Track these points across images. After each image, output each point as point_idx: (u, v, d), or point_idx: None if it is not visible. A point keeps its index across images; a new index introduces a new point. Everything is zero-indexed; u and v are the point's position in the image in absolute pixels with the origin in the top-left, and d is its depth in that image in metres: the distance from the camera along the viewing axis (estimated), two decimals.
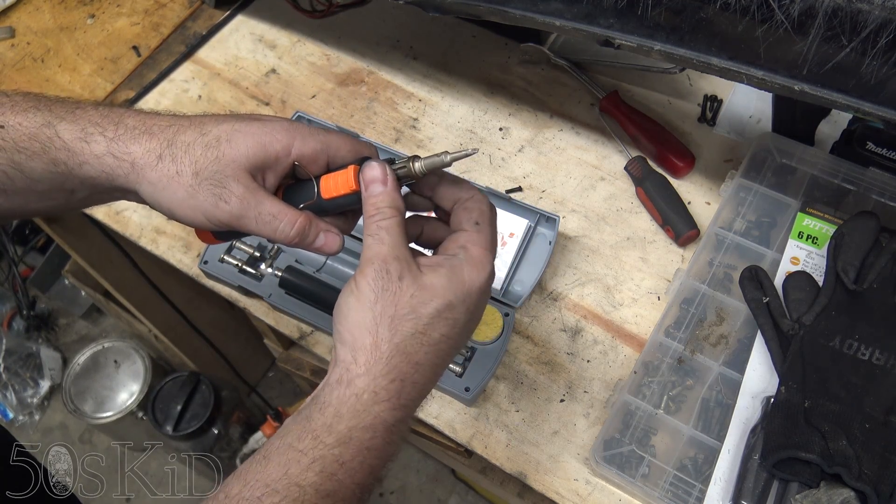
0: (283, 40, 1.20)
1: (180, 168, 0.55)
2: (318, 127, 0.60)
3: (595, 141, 1.06)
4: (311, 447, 0.51)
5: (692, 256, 0.90)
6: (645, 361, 0.85)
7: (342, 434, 0.51)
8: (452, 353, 0.56)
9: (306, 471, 0.50)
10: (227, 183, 0.55)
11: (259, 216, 0.56)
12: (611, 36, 0.74)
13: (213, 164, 0.55)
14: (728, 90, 1.08)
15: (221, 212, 0.55)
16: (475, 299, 0.56)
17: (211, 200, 0.55)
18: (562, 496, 0.81)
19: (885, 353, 0.77)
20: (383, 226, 0.55)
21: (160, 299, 1.58)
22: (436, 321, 0.54)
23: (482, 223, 0.58)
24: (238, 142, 0.56)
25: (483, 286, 0.56)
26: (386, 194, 0.56)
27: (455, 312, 0.54)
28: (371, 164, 0.57)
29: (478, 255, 0.56)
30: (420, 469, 2.05)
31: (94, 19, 1.25)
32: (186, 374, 1.79)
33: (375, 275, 0.53)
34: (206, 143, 0.55)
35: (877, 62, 0.60)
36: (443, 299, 0.54)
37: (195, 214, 0.56)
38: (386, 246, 0.55)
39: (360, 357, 0.53)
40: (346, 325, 0.54)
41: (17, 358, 2.18)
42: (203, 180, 0.55)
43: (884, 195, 0.90)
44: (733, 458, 0.76)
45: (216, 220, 0.56)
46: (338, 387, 0.53)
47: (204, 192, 0.55)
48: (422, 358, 0.54)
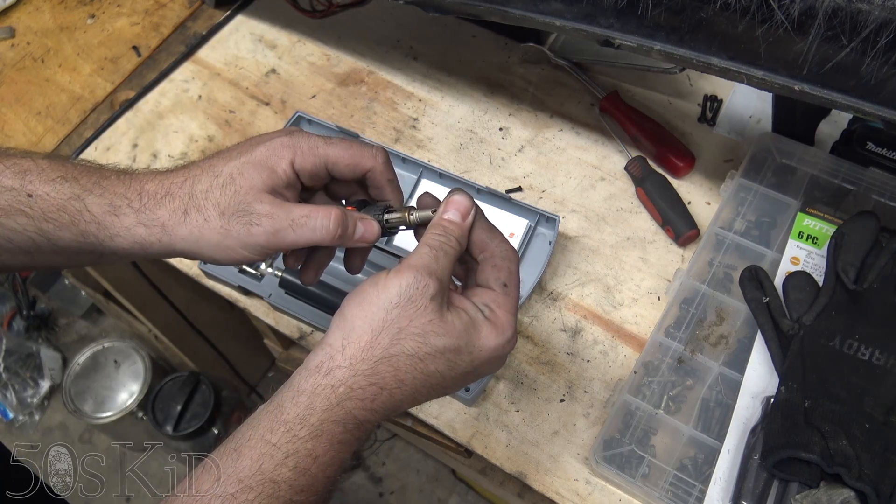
0: (283, 40, 1.20)
1: (207, 215, 0.56)
2: (318, 135, 0.60)
3: (595, 141, 1.06)
4: (285, 441, 0.50)
5: (692, 256, 0.90)
6: (645, 361, 0.85)
7: (315, 427, 0.51)
8: (438, 392, 0.56)
9: (280, 466, 0.50)
10: (252, 208, 0.56)
11: (294, 222, 0.56)
12: (611, 36, 0.74)
13: (233, 199, 0.56)
14: (728, 90, 1.08)
15: (257, 236, 0.55)
16: (484, 357, 0.55)
17: (244, 231, 0.55)
18: (562, 496, 0.81)
19: (885, 353, 0.77)
20: (444, 248, 0.55)
21: (160, 299, 1.58)
22: (438, 356, 0.54)
23: (510, 286, 0.58)
24: (250, 173, 0.56)
25: (497, 348, 0.56)
26: (460, 227, 0.57)
27: (459, 358, 0.54)
28: (461, 194, 0.58)
29: (502, 320, 0.56)
30: (420, 469, 2.05)
31: (94, 19, 1.25)
32: (186, 374, 1.79)
33: (412, 281, 0.53)
34: (222, 184, 0.56)
35: (877, 62, 0.60)
36: (453, 341, 0.54)
37: (236, 251, 0.56)
38: (437, 265, 0.54)
39: (349, 349, 0.53)
40: (354, 312, 0.54)
41: (17, 358, 2.18)
42: (230, 217, 0.55)
43: (884, 195, 0.90)
44: (733, 458, 0.76)
45: (257, 247, 0.56)
46: (315, 373, 0.52)
47: (235, 227, 0.55)
48: (408, 379, 0.53)
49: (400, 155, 0.98)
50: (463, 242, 0.57)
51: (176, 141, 1.11)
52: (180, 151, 1.09)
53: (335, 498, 1.65)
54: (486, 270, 0.58)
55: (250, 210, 0.55)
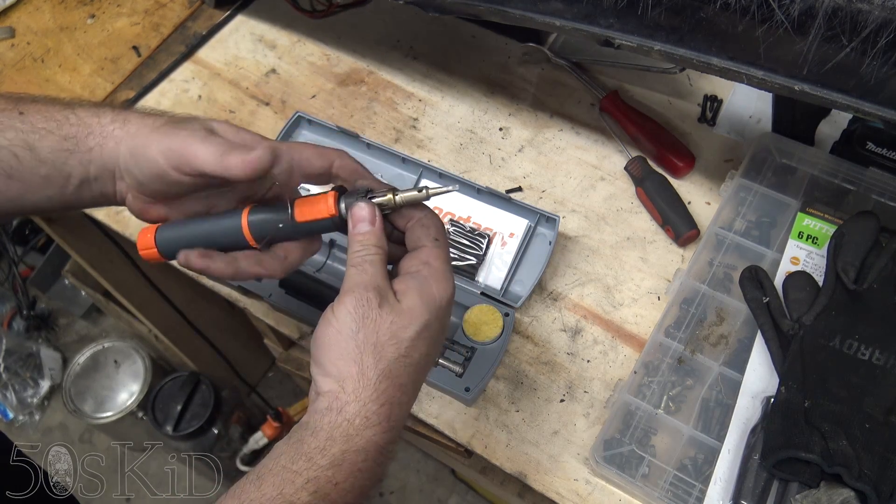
0: (283, 40, 1.20)
1: (158, 119, 0.60)
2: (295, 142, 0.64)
3: (595, 141, 1.06)
4: (305, 468, 0.52)
5: (692, 256, 0.90)
6: (645, 361, 0.85)
7: (335, 456, 0.52)
8: (430, 365, 0.59)
9: (300, 490, 0.51)
10: (192, 122, 0.60)
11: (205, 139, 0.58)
12: (611, 36, 0.74)
13: (186, 117, 0.61)
14: (728, 90, 1.08)
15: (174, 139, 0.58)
16: (445, 311, 0.58)
17: (170, 132, 0.58)
18: (562, 496, 0.81)
19: (885, 353, 0.77)
20: (367, 259, 0.58)
21: (160, 299, 1.58)
22: (416, 343, 0.56)
23: (440, 239, 0.60)
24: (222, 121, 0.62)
25: (450, 298, 0.59)
26: (373, 234, 0.59)
27: (431, 330, 0.57)
28: (360, 205, 0.60)
29: (441, 269, 0.59)
30: (420, 469, 2.05)
31: (94, 19, 1.25)
32: (186, 374, 1.79)
33: (356, 303, 0.55)
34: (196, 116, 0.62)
35: (877, 62, 0.60)
36: (420, 321, 0.56)
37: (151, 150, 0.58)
38: (367, 276, 0.57)
39: (347, 385, 0.54)
40: (329, 357, 0.56)
41: (17, 358, 2.18)
42: (170, 123, 0.60)
43: (884, 195, 0.90)
44: (733, 458, 0.76)
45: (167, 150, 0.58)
46: (328, 413, 0.54)
47: (167, 129, 0.59)
48: (406, 379, 0.56)
49: (400, 155, 0.98)
50: (382, 244, 0.59)
51: None
52: None
53: None
54: (416, 231, 0.61)
55: (190, 122, 0.60)
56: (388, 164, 1.00)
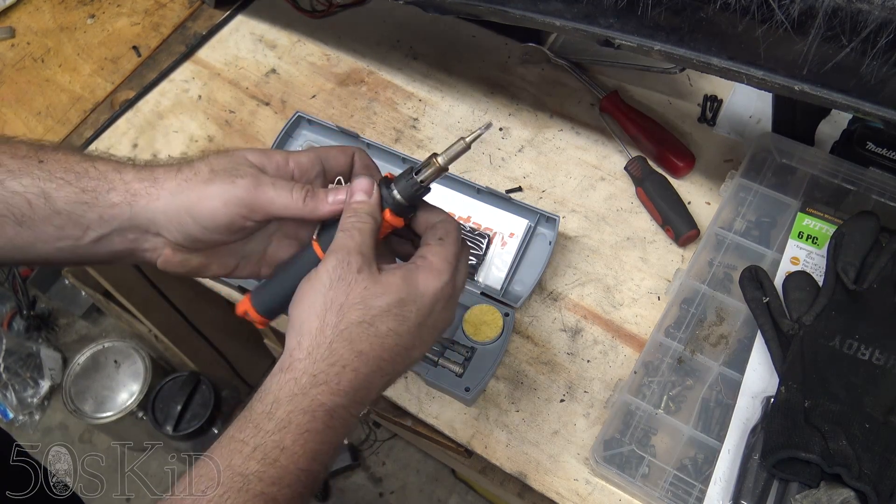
0: (283, 40, 1.20)
1: (198, 171, 0.57)
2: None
3: (595, 141, 1.06)
4: (252, 435, 0.51)
5: (692, 256, 0.90)
6: (645, 361, 0.85)
7: (281, 419, 0.52)
8: (402, 353, 0.57)
9: (248, 460, 0.51)
10: (240, 167, 0.58)
11: (274, 182, 0.58)
12: (611, 36, 0.74)
13: (225, 161, 0.58)
14: (728, 90, 1.08)
15: (239, 186, 0.56)
16: (427, 302, 0.57)
17: (227, 181, 0.56)
18: (562, 496, 0.81)
19: (885, 353, 0.77)
20: (357, 226, 0.57)
21: (160, 299, 1.58)
22: (384, 315, 0.55)
23: (445, 239, 0.60)
24: (245, 150, 0.60)
25: (437, 292, 0.57)
26: (367, 203, 0.58)
27: (405, 310, 0.56)
28: (361, 177, 0.59)
29: (436, 264, 0.58)
30: (420, 469, 2.04)
31: (94, 19, 1.25)
32: (186, 374, 1.79)
33: (336, 263, 0.55)
34: (219, 153, 0.59)
35: (877, 62, 0.60)
36: (394, 295, 0.55)
37: (212, 203, 0.57)
38: (354, 242, 0.56)
39: (304, 341, 0.54)
40: (298, 310, 0.55)
41: (17, 358, 2.17)
42: (218, 172, 0.57)
43: (884, 195, 0.90)
44: (733, 458, 0.76)
45: (236, 199, 0.56)
46: (277, 374, 0.54)
47: (219, 179, 0.57)
48: (365, 347, 0.54)
49: (400, 155, 0.98)
50: (376, 216, 0.58)
51: (176, 141, 1.11)
52: (180, 151, 1.09)
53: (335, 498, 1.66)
54: (426, 234, 0.61)
55: (238, 168, 0.57)
56: (388, 164, 1.00)
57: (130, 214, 0.58)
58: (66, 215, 0.58)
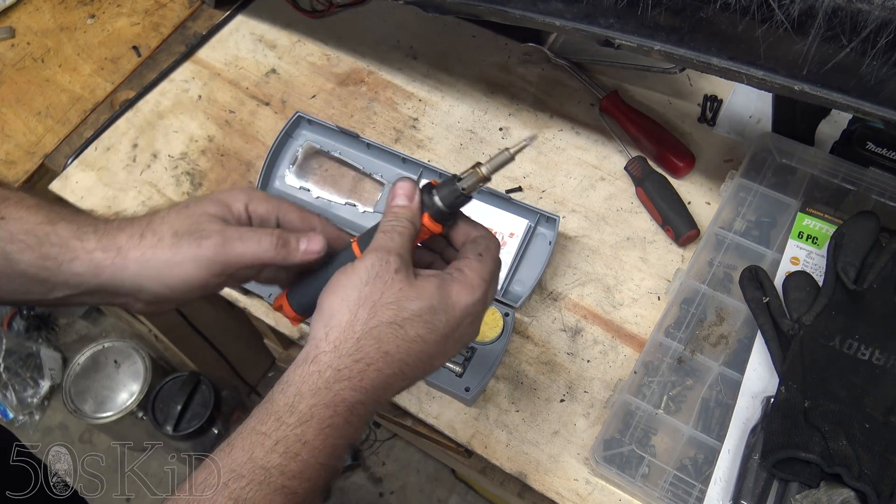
0: (283, 40, 1.20)
1: (161, 236, 0.57)
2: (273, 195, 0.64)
3: (595, 141, 1.06)
4: (274, 428, 0.51)
5: (692, 256, 0.90)
6: (645, 361, 0.85)
7: (303, 413, 0.52)
8: (424, 360, 0.56)
9: (270, 453, 0.50)
10: (203, 227, 0.58)
11: (241, 235, 0.58)
12: (611, 36, 0.74)
13: (187, 221, 0.58)
14: (728, 90, 1.08)
15: (206, 248, 0.57)
16: (458, 315, 0.56)
17: (194, 244, 0.57)
18: (562, 496, 0.81)
19: (885, 353, 0.77)
20: (398, 229, 0.57)
21: None
22: (415, 319, 0.55)
23: (485, 255, 0.59)
24: (204, 201, 0.60)
25: (468, 307, 0.56)
26: (408, 209, 0.58)
27: (435, 318, 0.55)
28: (404, 180, 0.59)
29: (472, 279, 0.57)
30: (420, 469, 2.04)
31: (94, 19, 1.25)
32: (186, 374, 1.78)
33: (375, 260, 0.55)
34: (178, 211, 0.59)
35: (877, 62, 0.60)
36: (427, 302, 0.55)
37: (185, 267, 0.57)
38: (393, 243, 0.56)
39: (332, 333, 0.54)
40: (331, 300, 0.55)
41: (17, 358, 2.17)
42: (182, 235, 0.57)
43: (884, 195, 0.90)
44: (733, 458, 0.76)
45: (205, 259, 0.57)
46: (302, 364, 0.53)
47: (185, 243, 0.57)
48: (392, 349, 0.54)
49: (400, 155, 0.98)
50: (415, 222, 0.58)
51: (176, 141, 1.11)
52: (180, 151, 1.09)
53: (335, 498, 1.66)
54: (466, 247, 0.60)
55: (201, 228, 0.58)
56: (387, 164, 1.00)
57: (97, 284, 0.58)
58: (31, 277, 0.58)
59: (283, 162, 1.02)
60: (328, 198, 1.00)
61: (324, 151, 1.02)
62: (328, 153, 1.02)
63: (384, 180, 0.99)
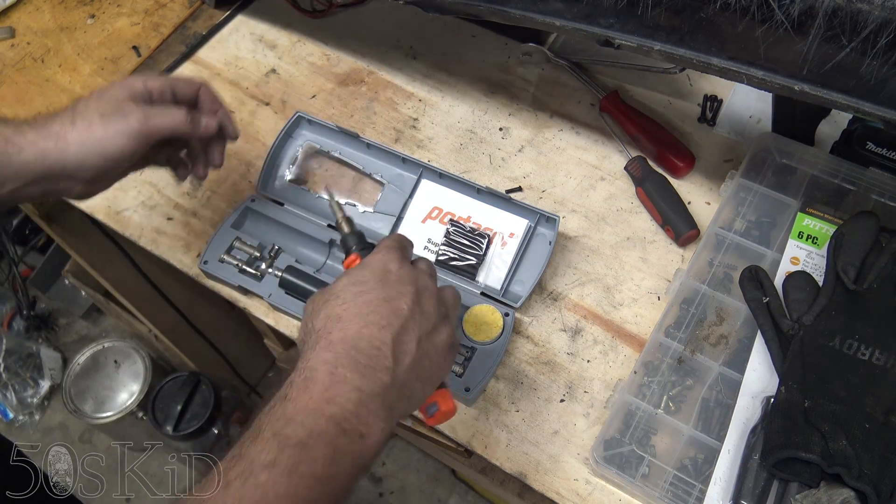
0: (283, 40, 1.20)
1: (90, 119, 0.71)
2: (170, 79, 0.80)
3: (595, 141, 1.06)
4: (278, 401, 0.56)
5: (692, 256, 0.90)
6: (645, 361, 0.85)
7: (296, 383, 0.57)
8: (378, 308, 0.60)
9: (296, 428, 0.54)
10: (124, 107, 0.73)
11: (158, 111, 0.74)
12: (611, 36, 0.74)
13: (108, 105, 0.72)
14: (728, 90, 1.08)
15: (132, 122, 0.72)
16: (375, 267, 0.64)
17: (122, 121, 0.72)
18: (562, 496, 0.81)
19: (885, 353, 0.77)
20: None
21: (160, 299, 1.58)
22: (347, 286, 0.62)
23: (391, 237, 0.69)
24: (116, 89, 0.74)
25: (382, 258, 0.65)
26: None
27: (362, 276, 0.63)
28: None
29: (381, 244, 0.67)
30: (420, 469, 2.05)
31: (94, 19, 1.25)
32: (186, 374, 1.78)
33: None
34: (96, 98, 0.73)
35: (877, 62, 0.60)
36: (350, 275, 0.64)
37: (116, 141, 0.72)
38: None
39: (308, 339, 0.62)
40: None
41: (17, 358, 2.17)
42: (109, 116, 0.72)
43: (884, 195, 0.90)
44: (733, 458, 0.76)
45: (132, 132, 0.72)
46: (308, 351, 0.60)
47: (114, 121, 0.72)
48: (341, 312, 0.60)
49: (400, 155, 0.98)
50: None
51: None
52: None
53: None
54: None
55: (123, 108, 0.72)
56: (388, 164, 1.00)
57: (44, 168, 0.70)
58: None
59: (283, 162, 1.02)
60: (328, 198, 1.00)
61: (324, 151, 1.02)
62: (328, 153, 1.02)
63: (384, 180, 0.99)
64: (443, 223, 0.95)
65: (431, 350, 0.62)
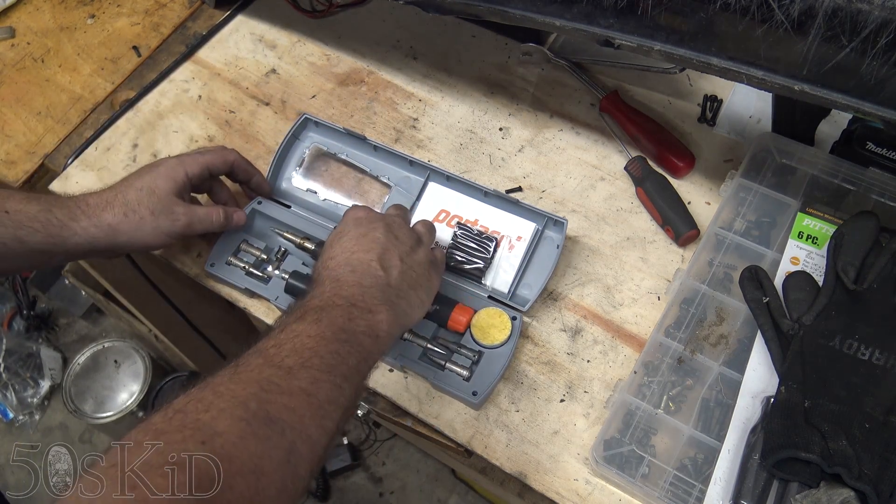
0: (283, 40, 1.20)
1: (142, 215, 0.83)
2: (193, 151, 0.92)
3: (595, 141, 1.06)
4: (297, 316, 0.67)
5: (692, 256, 0.90)
6: (645, 361, 0.85)
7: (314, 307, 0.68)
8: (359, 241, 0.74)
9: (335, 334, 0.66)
10: (173, 209, 0.84)
11: (200, 218, 0.87)
12: (611, 36, 0.74)
13: (158, 204, 0.83)
14: (728, 90, 1.08)
15: (178, 227, 0.85)
16: (347, 219, 0.79)
17: (169, 224, 0.84)
18: (562, 496, 0.81)
19: (885, 353, 0.77)
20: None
21: (160, 299, 1.58)
22: (331, 242, 0.76)
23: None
24: (162, 185, 0.84)
25: (351, 213, 0.79)
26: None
27: (340, 229, 0.77)
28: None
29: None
30: (420, 469, 2.05)
31: (94, 19, 1.25)
32: (186, 374, 1.79)
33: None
34: (147, 195, 0.83)
35: (877, 62, 0.60)
36: (331, 234, 0.78)
37: (161, 237, 0.85)
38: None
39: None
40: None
41: (17, 358, 2.17)
42: (158, 215, 0.83)
43: (884, 195, 0.90)
44: (733, 458, 0.76)
45: (176, 234, 0.85)
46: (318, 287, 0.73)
47: (163, 222, 0.84)
48: (333, 255, 0.74)
49: (407, 157, 0.97)
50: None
51: (176, 141, 1.11)
52: (180, 151, 1.09)
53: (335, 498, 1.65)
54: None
55: (172, 210, 0.84)
56: (394, 167, 0.99)
57: (92, 248, 0.81)
58: (39, 252, 0.78)
59: (290, 164, 1.02)
60: (335, 200, 1.00)
61: (330, 153, 1.02)
62: (335, 155, 1.02)
63: (390, 182, 0.99)
64: (450, 226, 0.95)
65: (414, 264, 0.76)
